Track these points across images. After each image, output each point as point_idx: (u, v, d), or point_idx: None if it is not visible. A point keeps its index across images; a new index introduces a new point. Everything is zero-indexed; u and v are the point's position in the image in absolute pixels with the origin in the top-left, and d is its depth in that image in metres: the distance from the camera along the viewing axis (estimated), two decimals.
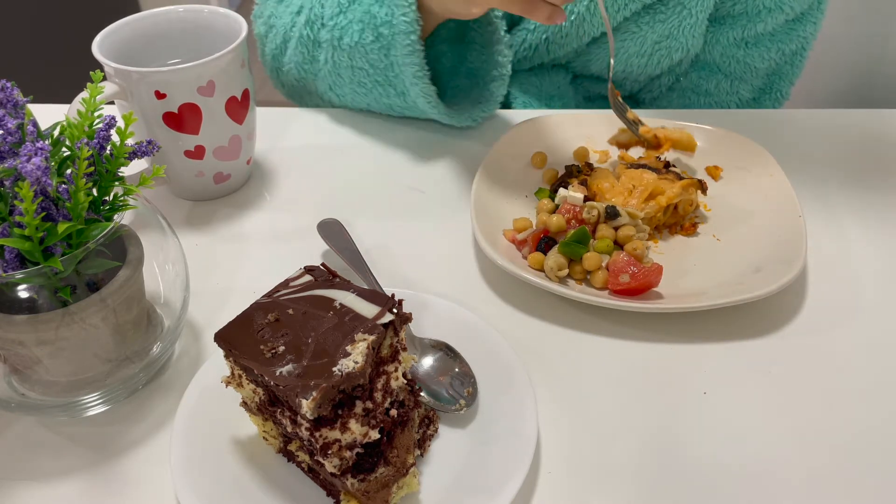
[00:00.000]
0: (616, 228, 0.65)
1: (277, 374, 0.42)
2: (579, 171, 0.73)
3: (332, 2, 0.76)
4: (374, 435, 0.44)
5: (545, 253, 0.64)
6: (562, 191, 0.68)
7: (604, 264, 0.62)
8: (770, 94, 0.91)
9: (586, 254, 0.62)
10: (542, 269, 0.64)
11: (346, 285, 0.48)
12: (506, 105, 0.93)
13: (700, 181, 0.70)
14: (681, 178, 0.69)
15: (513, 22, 0.88)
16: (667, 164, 0.72)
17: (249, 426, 0.51)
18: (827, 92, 1.37)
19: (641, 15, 0.83)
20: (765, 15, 0.83)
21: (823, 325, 0.61)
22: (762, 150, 0.74)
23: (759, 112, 0.88)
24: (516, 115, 0.86)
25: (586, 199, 0.67)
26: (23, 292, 0.48)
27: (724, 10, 0.85)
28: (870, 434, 0.53)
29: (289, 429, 0.46)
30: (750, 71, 0.88)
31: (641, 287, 0.60)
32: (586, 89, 0.95)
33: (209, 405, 0.52)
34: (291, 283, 0.49)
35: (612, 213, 0.65)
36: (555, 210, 0.67)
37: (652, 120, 0.79)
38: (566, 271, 0.63)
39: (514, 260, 0.63)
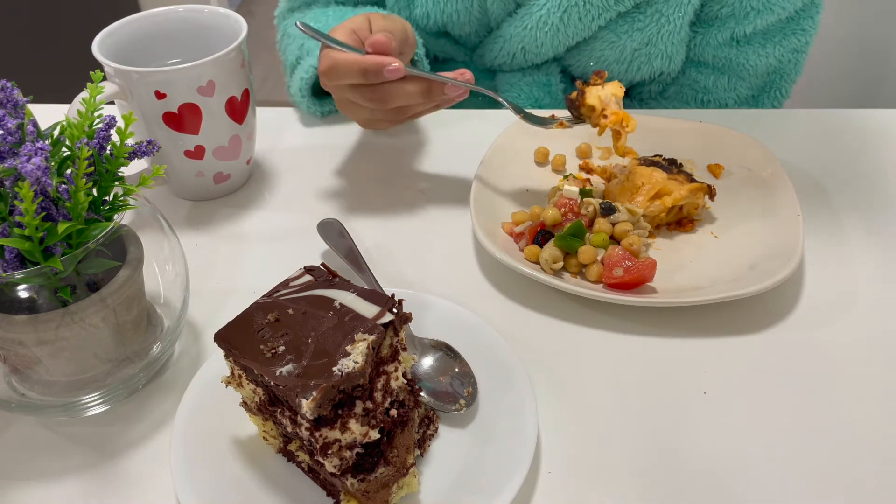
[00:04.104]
0: (613, 224, 0.65)
1: (277, 374, 0.42)
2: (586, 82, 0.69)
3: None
4: (374, 435, 0.44)
5: (542, 246, 0.64)
6: (565, 187, 0.68)
7: (599, 258, 0.63)
8: (769, 92, 0.91)
9: (582, 247, 0.63)
10: (537, 262, 0.64)
11: (346, 285, 0.48)
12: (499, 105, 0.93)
13: (709, 186, 0.69)
14: (692, 180, 0.69)
15: (480, 39, 0.89)
16: (679, 164, 0.72)
17: (249, 426, 0.51)
18: (828, 92, 1.37)
19: (619, 23, 0.83)
20: (753, 16, 0.82)
21: (820, 322, 0.61)
22: (764, 148, 0.74)
23: (760, 112, 0.88)
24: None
25: (583, 192, 0.68)
26: (23, 292, 0.48)
27: (711, 13, 0.84)
28: (866, 430, 0.53)
29: (289, 429, 0.46)
30: (746, 69, 0.87)
31: (635, 281, 0.61)
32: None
33: (209, 405, 0.52)
34: (291, 283, 0.49)
35: (607, 209, 0.65)
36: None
37: (653, 120, 0.79)
38: (560, 264, 0.63)
39: (511, 253, 0.64)
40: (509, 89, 0.91)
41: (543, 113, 0.73)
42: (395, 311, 0.46)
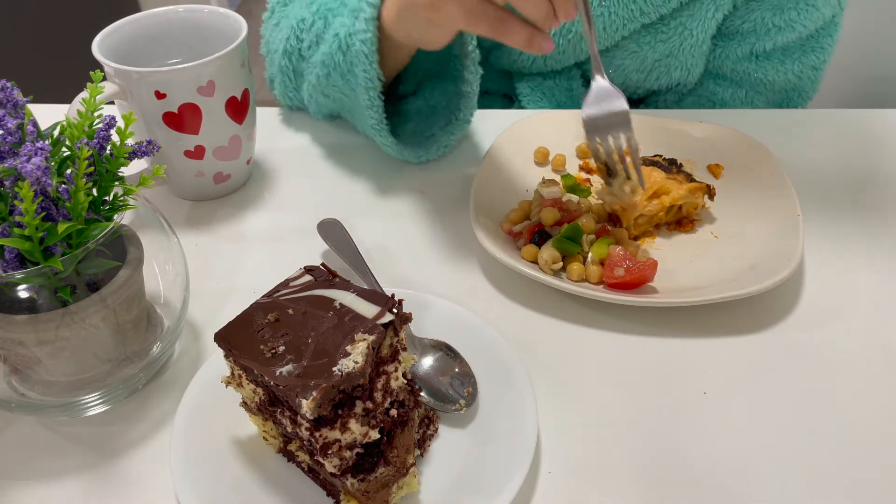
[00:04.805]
0: (615, 192, 0.65)
1: (277, 374, 0.42)
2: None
3: (309, 36, 0.75)
4: (374, 435, 0.44)
5: (539, 246, 0.64)
6: (544, 190, 0.68)
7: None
8: (785, 108, 0.91)
9: (572, 265, 0.63)
10: (535, 262, 0.64)
11: (346, 285, 0.48)
12: (516, 104, 0.93)
13: (708, 186, 0.69)
14: (691, 180, 0.69)
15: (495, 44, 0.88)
16: (678, 164, 0.72)
17: (249, 426, 0.51)
18: (829, 93, 1.37)
19: (642, 34, 0.83)
20: (774, 33, 0.83)
21: (820, 322, 0.61)
22: (763, 148, 0.74)
23: (760, 112, 0.87)
24: (518, 112, 0.86)
25: (570, 189, 0.68)
26: (23, 292, 0.48)
27: (733, 27, 0.84)
28: (866, 430, 0.53)
29: (289, 429, 0.46)
30: (764, 84, 0.87)
31: (636, 281, 0.61)
32: None
33: (209, 405, 0.52)
34: (291, 283, 0.49)
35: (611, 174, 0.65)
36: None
37: (653, 120, 0.79)
38: (560, 264, 0.63)
39: (511, 253, 0.64)
40: (530, 93, 0.91)
41: None
42: (395, 311, 0.46)
